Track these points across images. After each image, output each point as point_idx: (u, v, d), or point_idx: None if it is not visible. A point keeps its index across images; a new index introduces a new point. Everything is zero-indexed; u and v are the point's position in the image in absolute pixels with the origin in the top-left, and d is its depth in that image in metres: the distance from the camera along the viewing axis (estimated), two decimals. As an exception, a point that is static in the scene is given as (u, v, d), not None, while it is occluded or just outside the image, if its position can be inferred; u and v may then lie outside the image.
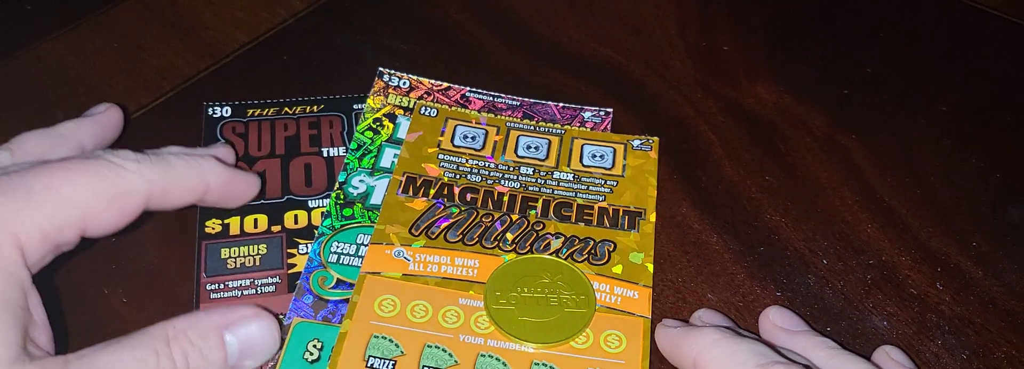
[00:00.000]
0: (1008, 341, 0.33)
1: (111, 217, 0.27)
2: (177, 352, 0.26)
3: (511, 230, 0.35)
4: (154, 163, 0.28)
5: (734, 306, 0.34)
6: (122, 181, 0.27)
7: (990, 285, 0.35)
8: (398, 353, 0.30)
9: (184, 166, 0.29)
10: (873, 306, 0.34)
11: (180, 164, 0.29)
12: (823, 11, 0.49)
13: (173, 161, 0.29)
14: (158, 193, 0.28)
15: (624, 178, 0.38)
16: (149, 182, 0.28)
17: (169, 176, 0.29)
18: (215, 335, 0.27)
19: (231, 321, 0.27)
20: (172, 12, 0.46)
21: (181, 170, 0.29)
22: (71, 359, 0.24)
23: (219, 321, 0.27)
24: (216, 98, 0.40)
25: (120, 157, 0.28)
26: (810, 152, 0.40)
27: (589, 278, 0.33)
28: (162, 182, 0.28)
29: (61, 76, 0.42)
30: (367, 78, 0.42)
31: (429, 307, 0.32)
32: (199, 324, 0.27)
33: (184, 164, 0.29)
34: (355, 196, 0.36)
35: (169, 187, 0.29)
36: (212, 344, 0.26)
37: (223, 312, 0.28)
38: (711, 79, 0.44)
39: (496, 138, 0.39)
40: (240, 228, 0.35)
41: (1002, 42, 0.47)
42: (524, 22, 0.47)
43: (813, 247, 0.36)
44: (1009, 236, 0.37)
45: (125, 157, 0.28)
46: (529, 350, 0.31)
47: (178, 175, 0.29)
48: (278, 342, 0.29)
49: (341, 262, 0.34)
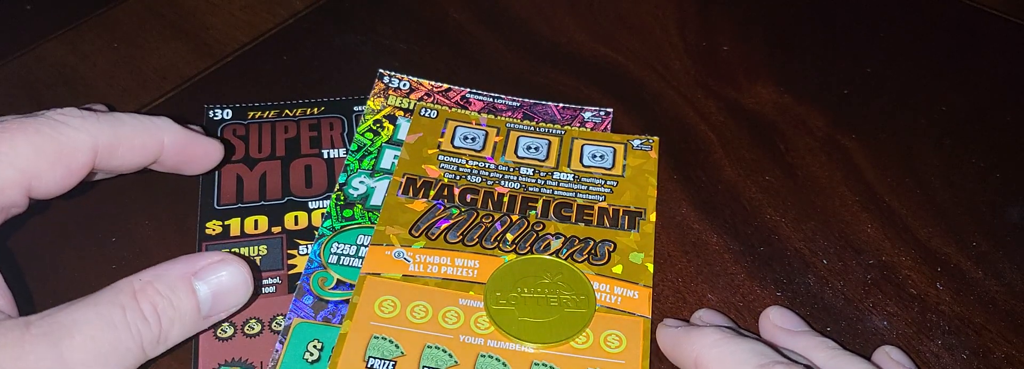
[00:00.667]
0: (1008, 341, 0.33)
1: (57, 176, 0.26)
2: (145, 304, 0.25)
3: (511, 231, 0.35)
4: (101, 119, 0.27)
5: (734, 306, 0.34)
6: (65, 138, 0.26)
7: (990, 285, 0.35)
8: (398, 354, 0.31)
9: (135, 122, 0.28)
10: (873, 306, 0.34)
11: (131, 120, 0.28)
12: (823, 11, 0.49)
13: (124, 117, 0.28)
14: (106, 149, 0.27)
15: (624, 178, 0.38)
16: (94, 137, 0.27)
17: (117, 131, 0.28)
18: (184, 284, 0.26)
19: (199, 268, 0.26)
20: (172, 12, 0.46)
21: (132, 126, 0.28)
22: (33, 320, 0.23)
23: (186, 269, 0.26)
24: (216, 98, 0.41)
25: (64, 114, 0.27)
26: (810, 152, 0.40)
27: (589, 278, 0.33)
28: (109, 137, 0.27)
29: (61, 76, 0.42)
30: (367, 78, 0.42)
31: (429, 308, 0.32)
32: (166, 274, 0.26)
33: (135, 121, 0.29)
34: (355, 197, 0.36)
35: (118, 143, 0.28)
36: (181, 293, 0.26)
37: (190, 259, 0.27)
38: (711, 79, 0.44)
39: (496, 139, 0.39)
40: (240, 229, 0.35)
41: (1002, 42, 0.47)
42: (524, 22, 0.47)
43: (813, 247, 0.36)
44: (1009, 236, 0.37)
45: (69, 114, 0.27)
46: (529, 350, 0.31)
47: (128, 131, 0.28)
48: (251, 287, 0.27)
49: (341, 263, 0.34)
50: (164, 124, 0.30)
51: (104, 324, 0.24)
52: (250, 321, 0.32)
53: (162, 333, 0.25)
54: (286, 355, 0.31)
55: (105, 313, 0.24)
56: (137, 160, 0.29)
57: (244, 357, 0.31)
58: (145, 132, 0.29)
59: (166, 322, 0.25)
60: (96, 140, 0.27)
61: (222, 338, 0.31)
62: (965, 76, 0.45)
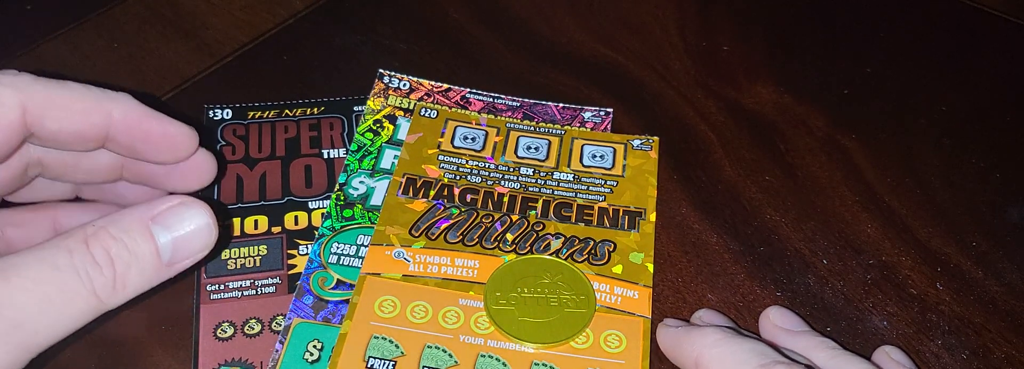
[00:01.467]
0: (1008, 341, 0.33)
1: None
2: (97, 249, 0.23)
3: (511, 231, 0.35)
4: (38, 80, 0.25)
5: (734, 306, 0.34)
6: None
7: (990, 285, 0.35)
8: (398, 354, 0.31)
9: (79, 87, 0.26)
10: (873, 306, 0.34)
11: (75, 85, 0.25)
12: (823, 11, 0.49)
13: (69, 83, 0.25)
14: (38, 111, 0.24)
15: (624, 178, 0.38)
16: (22, 92, 0.24)
17: (53, 92, 0.25)
18: (140, 227, 0.24)
19: (158, 212, 0.24)
20: (172, 12, 0.46)
21: (73, 89, 0.25)
22: None
23: (144, 213, 0.24)
24: (216, 98, 0.40)
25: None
26: (810, 152, 0.40)
27: (589, 278, 0.33)
28: (42, 98, 0.24)
29: (61, 76, 0.42)
30: (367, 78, 0.42)
31: (429, 308, 0.32)
32: (120, 219, 0.24)
33: (81, 87, 0.26)
34: (355, 197, 0.36)
35: (53, 106, 0.25)
36: (137, 236, 0.24)
37: (148, 205, 0.25)
38: (711, 79, 0.44)
39: (496, 139, 0.39)
40: (240, 229, 0.35)
41: (1002, 42, 0.47)
42: (524, 22, 0.47)
43: (813, 247, 0.36)
44: (1009, 236, 0.37)
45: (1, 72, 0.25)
46: (529, 350, 0.31)
47: (66, 92, 0.25)
48: (215, 231, 0.25)
49: (341, 263, 0.34)
50: (116, 95, 0.26)
51: (47, 267, 0.22)
52: (250, 321, 0.32)
53: (117, 278, 0.23)
54: (286, 355, 0.31)
55: (49, 257, 0.22)
56: (78, 127, 0.25)
57: (244, 357, 0.31)
58: (88, 97, 0.25)
59: (121, 266, 0.23)
60: (24, 96, 0.24)
61: (222, 338, 0.31)
62: (965, 76, 0.44)
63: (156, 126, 0.27)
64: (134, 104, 0.27)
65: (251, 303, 0.32)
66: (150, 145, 0.27)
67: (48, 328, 0.22)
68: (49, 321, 0.22)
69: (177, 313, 0.32)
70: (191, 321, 0.32)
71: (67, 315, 0.22)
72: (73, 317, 0.23)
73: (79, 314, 0.23)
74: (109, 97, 0.26)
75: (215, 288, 0.33)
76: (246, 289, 0.33)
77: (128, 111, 0.26)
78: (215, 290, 0.33)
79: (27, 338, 0.21)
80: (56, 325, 0.22)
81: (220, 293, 0.33)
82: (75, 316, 0.23)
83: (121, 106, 0.26)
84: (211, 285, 0.33)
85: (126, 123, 0.26)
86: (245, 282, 0.33)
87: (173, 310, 0.32)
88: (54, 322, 0.22)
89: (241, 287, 0.33)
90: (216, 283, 0.33)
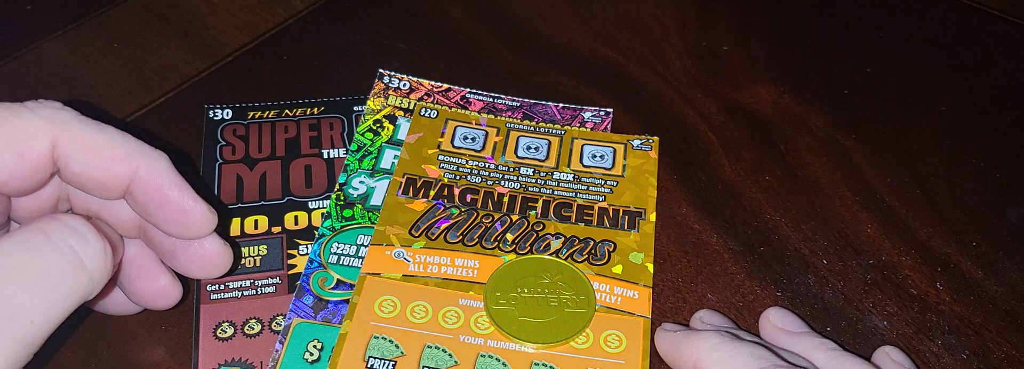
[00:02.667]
0: (1008, 341, 0.33)
1: (7, 162, 0.23)
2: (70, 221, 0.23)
3: (511, 231, 0.35)
4: (79, 117, 0.24)
5: (734, 306, 0.34)
6: (20, 121, 0.23)
7: (990, 285, 0.35)
8: (398, 354, 0.31)
9: (119, 135, 0.25)
10: (873, 306, 0.34)
11: (115, 132, 0.25)
12: (823, 11, 0.49)
13: (110, 129, 0.25)
14: (67, 146, 0.23)
15: (624, 178, 0.38)
16: (54, 126, 0.23)
17: (88, 133, 0.24)
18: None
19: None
20: (172, 12, 0.46)
21: (112, 136, 0.24)
22: None
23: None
24: (216, 98, 0.41)
25: (36, 102, 0.24)
26: (810, 152, 0.40)
27: (589, 278, 0.33)
28: (75, 137, 0.23)
29: (61, 76, 0.42)
30: (367, 78, 0.42)
31: (429, 308, 0.32)
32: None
33: (121, 134, 0.25)
34: (355, 197, 0.36)
35: (83, 147, 0.24)
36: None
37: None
38: (711, 79, 0.44)
39: (496, 139, 0.39)
40: (240, 229, 0.35)
41: (1002, 42, 0.47)
42: (524, 22, 0.47)
43: (813, 247, 0.36)
44: (1009, 236, 0.37)
45: (42, 103, 0.24)
46: (529, 350, 0.31)
47: (102, 138, 0.24)
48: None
49: (341, 263, 0.34)
50: (152, 153, 0.25)
51: (25, 251, 0.21)
52: (250, 321, 0.32)
53: (105, 245, 0.23)
54: (286, 355, 0.31)
55: (24, 241, 0.21)
56: (100, 174, 0.24)
57: (244, 357, 0.31)
58: (121, 146, 0.24)
59: (108, 231, 0.23)
60: (55, 131, 0.23)
61: (222, 338, 0.31)
62: (965, 76, 0.44)
63: (176, 195, 0.26)
64: (164, 166, 0.26)
65: (251, 303, 0.32)
66: (163, 213, 0.26)
67: (43, 315, 0.21)
68: (42, 307, 0.21)
69: (177, 313, 0.32)
70: (191, 321, 0.32)
71: (60, 297, 0.21)
72: (67, 298, 0.22)
73: (72, 294, 0.22)
74: (143, 152, 0.25)
75: (215, 288, 0.33)
76: (246, 289, 0.33)
77: (155, 172, 0.25)
78: (215, 290, 0.33)
79: (22, 329, 0.20)
80: (50, 310, 0.21)
81: (220, 293, 0.33)
82: (69, 296, 0.22)
83: (150, 164, 0.25)
84: (211, 285, 0.33)
85: (148, 183, 0.25)
86: (245, 282, 0.33)
87: (173, 310, 0.32)
88: (47, 308, 0.21)
89: (241, 287, 0.33)
90: (216, 283, 0.33)
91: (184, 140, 0.39)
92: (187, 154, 0.38)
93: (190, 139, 0.39)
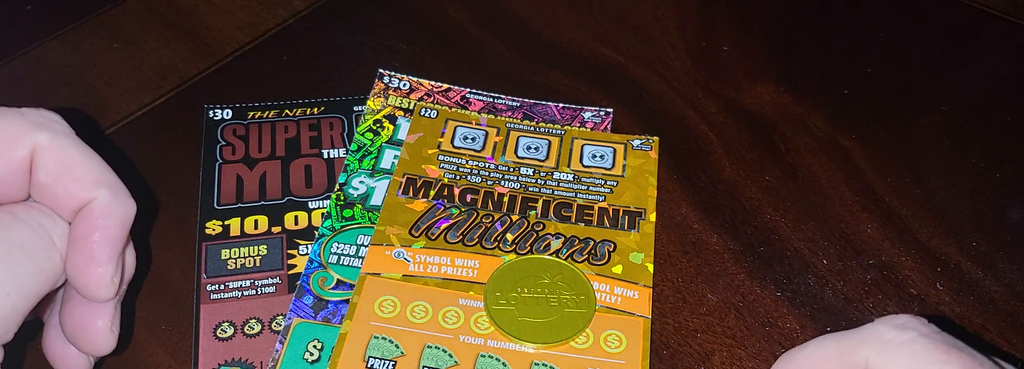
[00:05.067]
0: (1008, 341, 0.33)
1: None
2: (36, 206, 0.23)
3: (511, 231, 0.35)
4: (68, 131, 0.24)
5: (734, 306, 0.34)
6: (3, 121, 0.23)
7: (990, 285, 0.35)
8: (398, 354, 0.31)
9: (99, 162, 0.24)
10: (873, 306, 0.34)
11: (97, 157, 0.24)
12: (823, 11, 0.49)
13: (93, 155, 0.24)
14: (43, 156, 0.23)
15: (624, 178, 0.38)
16: (40, 134, 0.23)
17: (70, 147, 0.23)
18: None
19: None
20: (172, 12, 0.46)
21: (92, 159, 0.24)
22: None
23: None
24: (216, 98, 0.41)
25: (34, 110, 0.24)
26: (810, 152, 0.40)
27: (589, 278, 0.33)
28: (56, 146, 0.23)
29: (61, 76, 0.42)
30: (367, 78, 0.42)
31: (429, 308, 0.32)
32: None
33: (100, 163, 0.24)
34: (355, 197, 0.36)
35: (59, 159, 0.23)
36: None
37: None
38: (711, 79, 0.44)
39: (496, 139, 0.39)
40: (240, 229, 0.35)
41: (1002, 42, 0.47)
42: (524, 22, 0.47)
43: (813, 247, 0.36)
44: (1009, 236, 0.37)
45: (36, 110, 0.24)
46: (529, 350, 0.31)
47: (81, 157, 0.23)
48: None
49: (341, 263, 0.34)
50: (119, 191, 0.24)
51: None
52: (250, 321, 0.32)
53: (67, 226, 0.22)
54: (286, 355, 0.31)
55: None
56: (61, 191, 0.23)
57: (244, 357, 0.31)
58: (93, 171, 0.24)
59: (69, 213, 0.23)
60: (39, 137, 0.23)
61: (222, 338, 0.31)
62: (965, 76, 0.44)
63: (96, 241, 0.23)
64: (119, 212, 0.24)
65: (251, 303, 0.32)
66: (74, 250, 0.24)
67: (19, 287, 0.21)
68: (17, 278, 0.21)
69: (177, 313, 0.32)
70: (191, 321, 0.32)
71: (33, 271, 0.21)
72: (40, 273, 0.22)
73: (44, 270, 0.22)
74: (112, 189, 0.24)
75: (215, 288, 0.33)
76: (246, 289, 0.33)
77: (103, 213, 0.23)
78: (215, 290, 0.33)
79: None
80: (26, 283, 0.21)
81: (220, 293, 0.33)
82: (41, 272, 0.22)
83: (109, 202, 0.24)
84: (211, 285, 0.33)
85: (89, 217, 0.23)
86: (245, 282, 0.33)
87: (173, 310, 0.33)
88: (21, 282, 0.21)
89: (241, 287, 0.33)
90: (216, 283, 0.33)
91: (184, 140, 0.39)
92: (187, 154, 0.38)
93: (190, 139, 0.39)
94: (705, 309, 0.34)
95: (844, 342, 0.23)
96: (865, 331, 0.23)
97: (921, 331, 0.22)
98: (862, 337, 0.23)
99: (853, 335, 0.23)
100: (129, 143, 0.39)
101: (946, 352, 0.21)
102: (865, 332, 0.23)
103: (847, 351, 0.23)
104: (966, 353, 0.21)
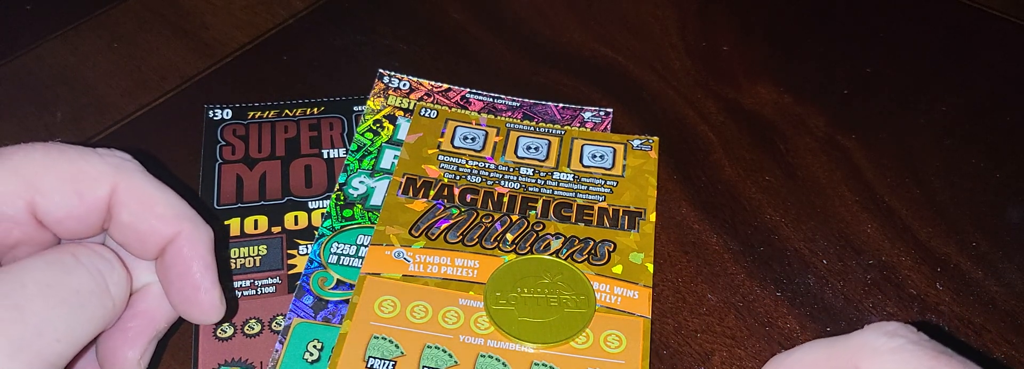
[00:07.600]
0: (1008, 341, 0.33)
1: (66, 199, 0.23)
2: (96, 248, 0.23)
3: (511, 231, 0.35)
4: (141, 169, 0.24)
5: (734, 306, 0.34)
6: (85, 162, 0.23)
7: (990, 285, 0.35)
8: (398, 354, 0.31)
9: (175, 196, 0.25)
10: (873, 306, 0.34)
11: (171, 191, 0.25)
12: (823, 11, 0.49)
13: (167, 189, 0.25)
14: (123, 196, 0.24)
15: (624, 178, 0.38)
16: (118, 175, 0.24)
17: (148, 185, 0.24)
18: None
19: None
20: (172, 12, 0.46)
21: (169, 194, 0.25)
22: None
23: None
24: (216, 98, 0.41)
25: (108, 150, 0.24)
26: (810, 152, 0.40)
27: (589, 278, 0.33)
28: (135, 185, 0.24)
29: (61, 76, 0.42)
30: (367, 78, 0.42)
31: (429, 308, 0.32)
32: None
33: (176, 196, 0.25)
34: (355, 197, 0.36)
35: (140, 198, 0.24)
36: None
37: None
38: (711, 79, 0.44)
39: (496, 139, 0.39)
40: (240, 229, 0.35)
41: (1002, 42, 0.47)
42: (524, 22, 0.47)
43: (813, 247, 0.36)
44: (1009, 236, 0.37)
45: (112, 150, 0.24)
46: (529, 350, 0.31)
47: (159, 194, 0.24)
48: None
49: (341, 263, 0.34)
50: (197, 221, 0.25)
51: (57, 270, 0.21)
52: (250, 321, 0.32)
53: (128, 276, 0.23)
54: (286, 355, 0.31)
55: (55, 261, 0.22)
56: (146, 229, 0.24)
57: (244, 357, 0.31)
58: (173, 206, 0.24)
59: (126, 261, 0.23)
60: (118, 178, 0.24)
61: (222, 338, 0.31)
62: (965, 76, 0.44)
63: (197, 270, 0.25)
64: (204, 239, 0.25)
65: (251, 303, 0.32)
66: (177, 284, 0.25)
67: (69, 334, 0.21)
68: (69, 325, 0.21)
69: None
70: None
71: (85, 319, 0.22)
72: (91, 321, 0.22)
73: (96, 317, 0.22)
74: (192, 220, 0.25)
75: (215, 288, 0.33)
76: (246, 289, 0.33)
77: (192, 242, 0.25)
78: (215, 290, 0.33)
79: (49, 347, 0.20)
80: (76, 330, 0.21)
81: (220, 293, 0.33)
82: (93, 319, 0.22)
83: (193, 233, 0.25)
84: (211, 285, 0.33)
85: (180, 249, 0.24)
86: (245, 282, 0.33)
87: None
88: (74, 327, 0.21)
89: (241, 287, 0.33)
90: (216, 283, 0.33)
91: (184, 140, 0.39)
92: (187, 154, 0.38)
93: (190, 139, 0.39)
94: (705, 309, 0.34)
95: (833, 348, 0.23)
96: (854, 338, 0.23)
97: (910, 338, 0.22)
98: (851, 343, 0.23)
99: (842, 341, 0.23)
100: (129, 143, 0.39)
101: (935, 358, 0.21)
102: (854, 339, 0.23)
103: (836, 357, 0.23)
104: (956, 360, 0.22)
